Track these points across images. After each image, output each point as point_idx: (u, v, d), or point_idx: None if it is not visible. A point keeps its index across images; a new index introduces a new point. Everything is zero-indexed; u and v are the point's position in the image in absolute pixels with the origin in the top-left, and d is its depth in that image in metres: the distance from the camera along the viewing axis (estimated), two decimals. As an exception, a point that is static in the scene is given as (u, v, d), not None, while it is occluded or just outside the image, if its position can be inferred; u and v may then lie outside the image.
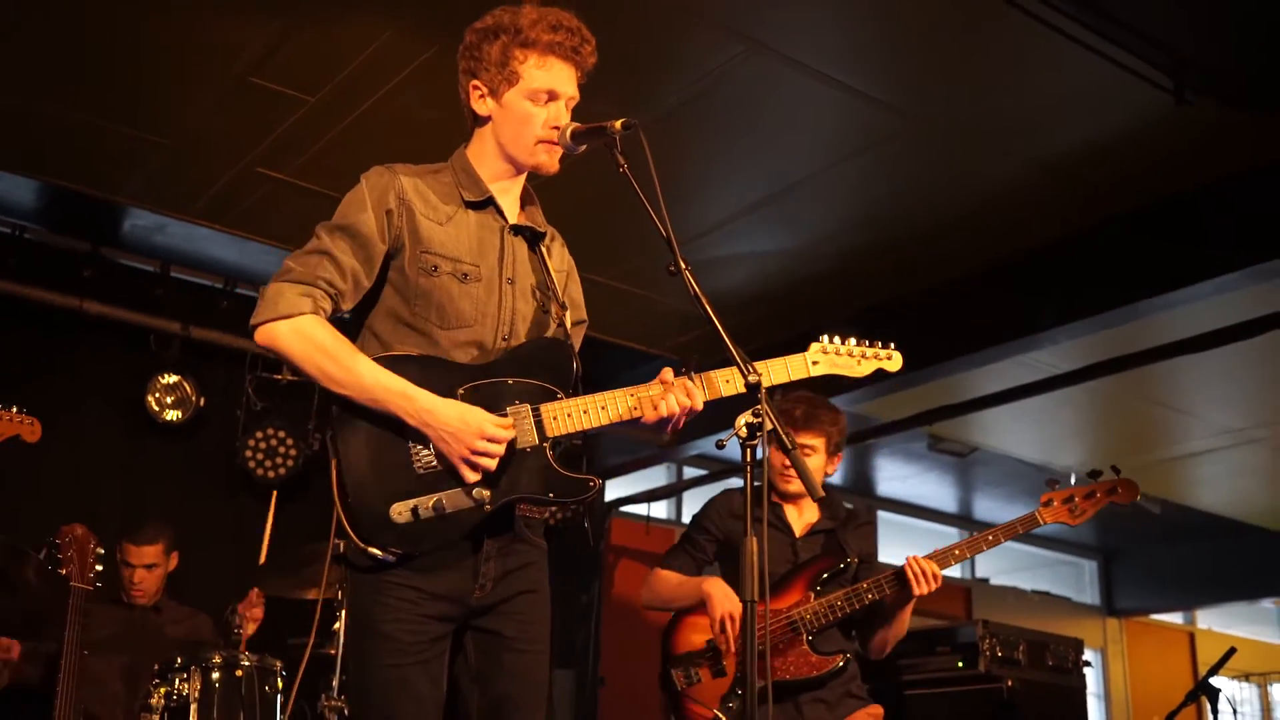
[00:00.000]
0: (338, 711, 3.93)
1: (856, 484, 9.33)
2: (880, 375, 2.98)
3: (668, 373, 2.59)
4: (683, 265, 2.47)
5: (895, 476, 9.06)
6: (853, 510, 4.21)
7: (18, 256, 5.62)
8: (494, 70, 2.64)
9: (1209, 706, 5.33)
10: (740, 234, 5.43)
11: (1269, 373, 6.58)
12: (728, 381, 2.63)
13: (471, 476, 2.40)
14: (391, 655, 2.43)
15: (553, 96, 2.65)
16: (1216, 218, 4.88)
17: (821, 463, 3.98)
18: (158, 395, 5.77)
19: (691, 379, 2.60)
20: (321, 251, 2.49)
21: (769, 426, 2.33)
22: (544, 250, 2.76)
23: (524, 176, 2.76)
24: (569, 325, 2.76)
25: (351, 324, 2.60)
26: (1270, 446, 7.78)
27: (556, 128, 2.63)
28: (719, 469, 7.76)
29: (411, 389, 2.40)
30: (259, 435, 6.01)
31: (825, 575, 3.88)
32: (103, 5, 4.09)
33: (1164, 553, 10.36)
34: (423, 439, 2.43)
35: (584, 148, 2.64)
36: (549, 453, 2.53)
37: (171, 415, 5.79)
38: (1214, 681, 5.32)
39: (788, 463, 3.88)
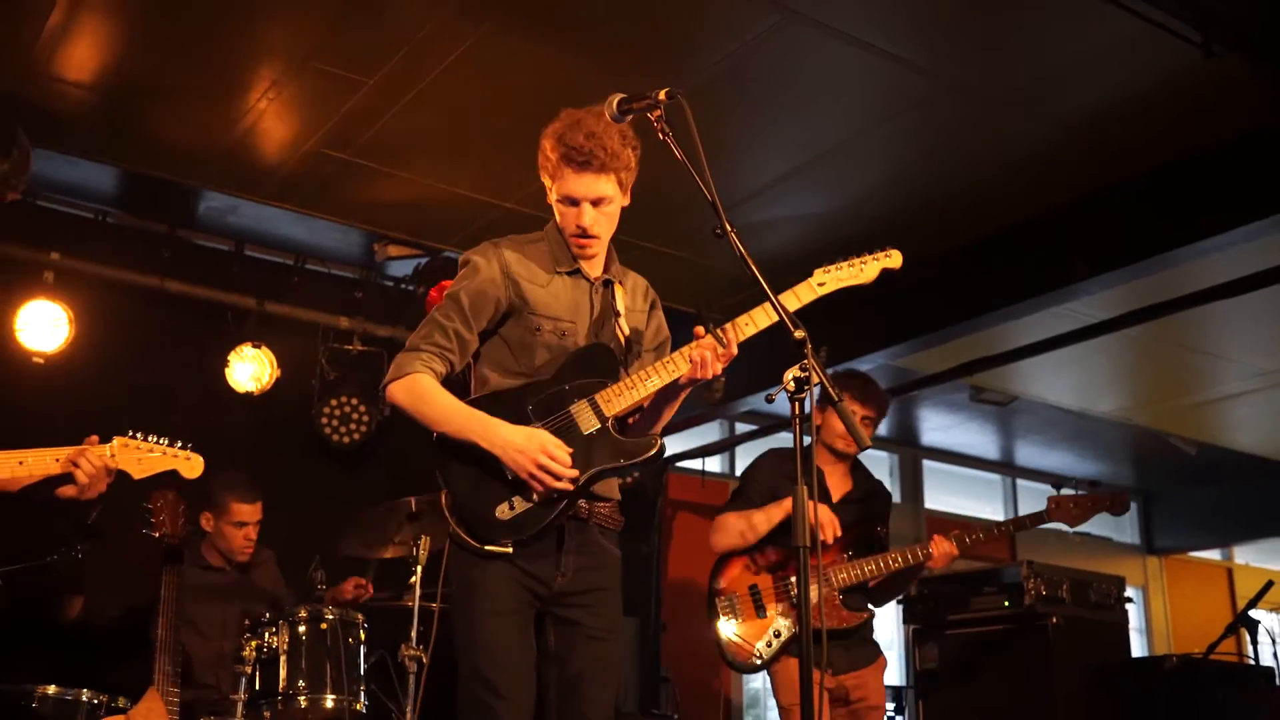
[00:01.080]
0: (416, 660, 3.97)
1: (901, 435, 9.30)
2: (887, 276, 3.12)
3: (699, 330, 2.80)
4: (728, 228, 2.54)
5: (938, 427, 9.02)
6: (879, 484, 4.49)
7: (101, 239, 5.70)
8: (544, 172, 2.91)
9: (1249, 637, 5.29)
10: (780, 198, 5.39)
11: (1300, 317, 6.48)
12: (747, 324, 2.83)
13: (538, 489, 2.69)
14: (497, 607, 2.73)
15: (573, 201, 2.86)
16: (1244, 168, 4.77)
17: (871, 433, 4.25)
18: (237, 367, 5.84)
19: (720, 331, 2.79)
20: (434, 321, 2.85)
21: (815, 380, 2.35)
22: (616, 290, 3.01)
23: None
24: (637, 344, 3.03)
25: (468, 371, 2.95)
26: (1302, 389, 7.67)
27: (580, 226, 2.86)
28: (768, 424, 7.76)
29: (486, 418, 2.74)
30: (333, 403, 6.07)
31: (858, 541, 4.19)
32: (161, 9, 4.12)
33: (1200, 493, 10.26)
34: None
35: (630, 117, 2.68)
36: (612, 430, 2.81)
37: (250, 386, 5.86)
38: (1253, 614, 5.27)
39: (841, 430, 4.14)
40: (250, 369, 5.87)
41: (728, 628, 4.20)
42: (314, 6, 4.18)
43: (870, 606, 4.21)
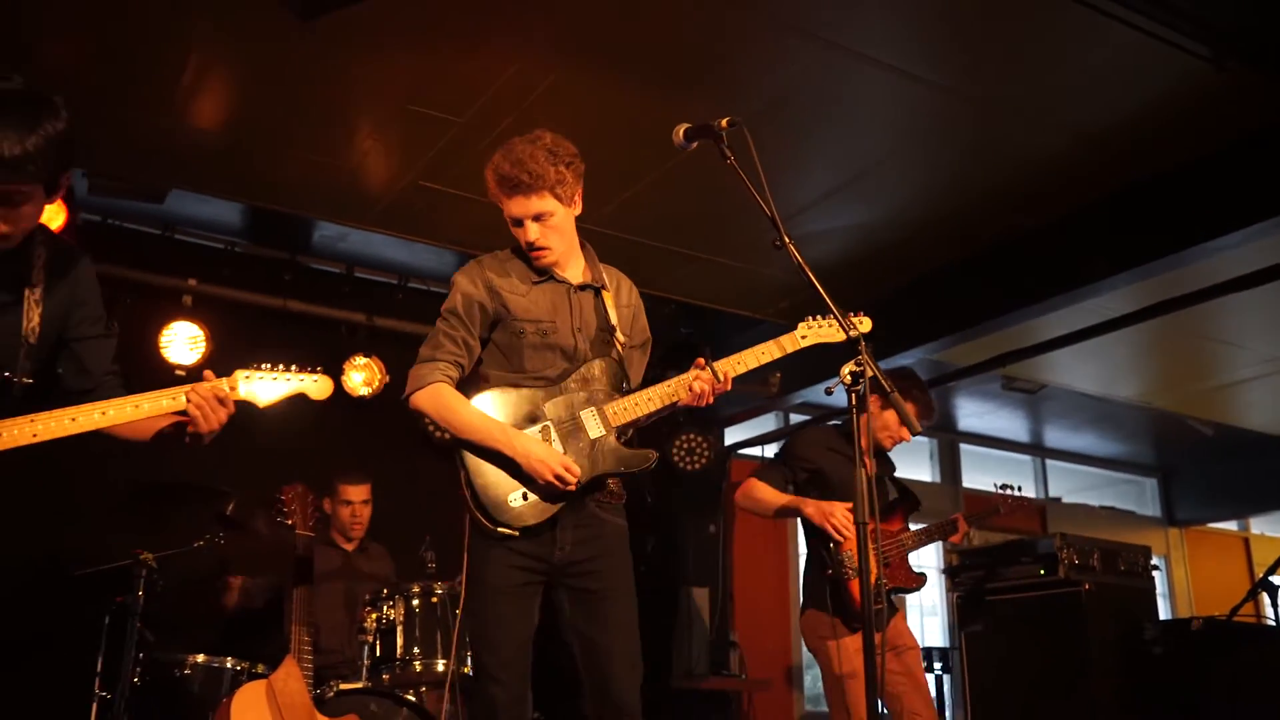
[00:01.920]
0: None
1: (940, 421, 9.18)
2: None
3: (700, 361, 2.86)
4: (786, 240, 2.51)
5: (973, 413, 8.91)
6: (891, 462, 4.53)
7: (230, 266, 5.82)
8: (493, 199, 2.93)
9: (1268, 600, 5.16)
10: (825, 213, 5.34)
11: (1307, 307, 6.32)
12: (739, 364, 2.92)
13: (558, 493, 2.75)
14: (490, 594, 2.78)
15: (518, 221, 2.88)
16: (1252, 171, 4.66)
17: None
18: (351, 375, 5.92)
19: (713, 366, 2.85)
20: (442, 333, 2.90)
21: (869, 373, 2.35)
22: (605, 296, 3.00)
23: (578, 246, 3.04)
24: (628, 348, 3.04)
25: (473, 374, 2.98)
26: (1311, 372, 7.48)
27: (528, 242, 2.87)
28: (819, 415, 7.71)
29: (508, 429, 2.80)
30: (434, 405, 6.11)
31: (910, 513, 4.34)
32: (288, 58, 4.18)
33: (1217, 468, 10.03)
34: None
35: (695, 145, 2.68)
36: (614, 439, 2.85)
37: (363, 391, 5.94)
38: (1273, 579, 5.14)
39: (889, 425, 4.18)
40: (362, 376, 5.94)
41: (853, 583, 4.08)
42: (410, 58, 4.22)
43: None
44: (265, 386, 2.58)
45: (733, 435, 7.93)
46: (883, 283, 5.94)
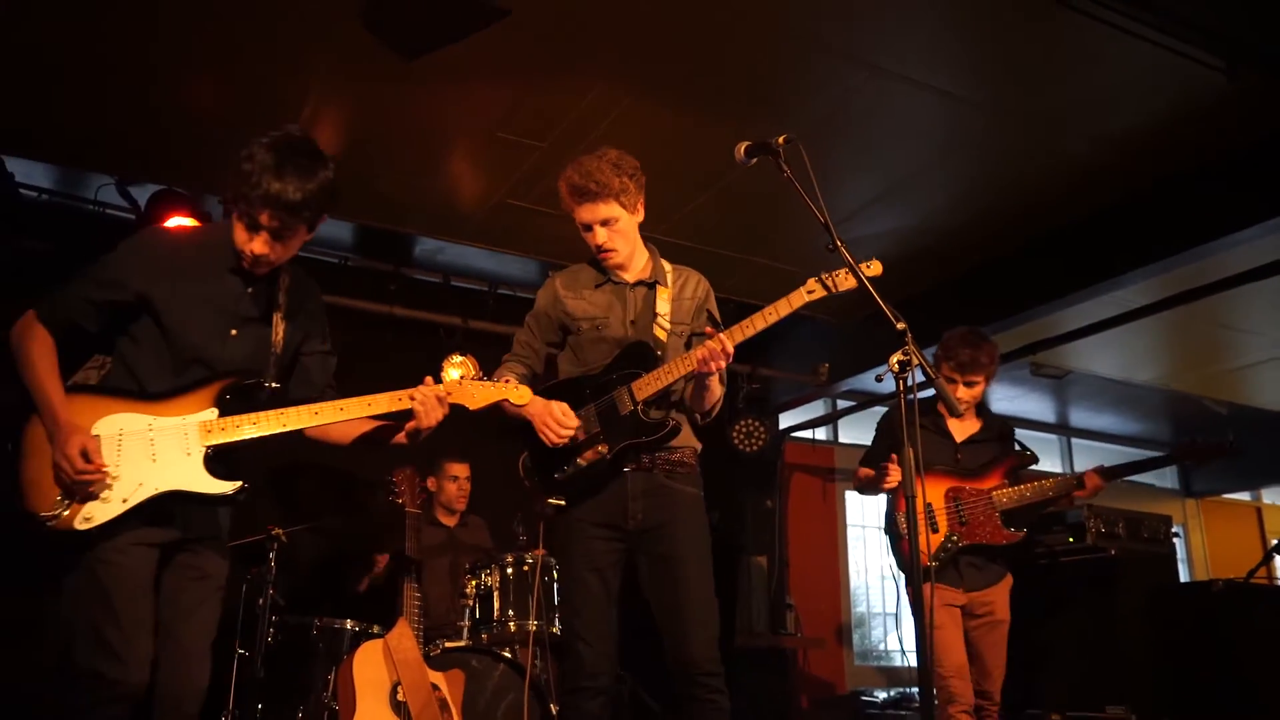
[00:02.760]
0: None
1: (973, 406, 9.06)
2: (874, 283, 2.77)
3: (709, 330, 2.79)
4: (839, 243, 2.50)
5: (1004, 397, 8.75)
6: (1006, 420, 4.24)
7: (343, 278, 5.89)
8: (566, 210, 2.96)
9: (1281, 564, 5.02)
10: (868, 219, 5.28)
11: (1314, 295, 6.12)
12: (748, 327, 2.80)
13: (553, 441, 2.76)
14: (572, 562, 2.83)
15: (587, 227, 2.91)
16: (1263, 171, 4.53)
17: (982, 389, 4.01)
18: (450, 371, 5.95)
19: (719, 335, 2.74)
20: (518, 339, 3.05)
21: (915, 361, 2.32)
22: (659, 290, 2.99)
23: (642, 249, 3.03)
24: (684, 336, 2.99)
25: (550, 371, 3.06)
26: (1318, 353, 7.25)
27: (597, 245, 2.91)
28: (865, 400, 7.63)
29: (533, 401, 2.79)
30: (522, 395, 6.14)
31: (1016, 469, 3.96)
32: (392, 93, 4.24)
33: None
34: None
35: (755, 160, 2.66)
36: (640, 411, 2.81)
37: (457, 386, 5.97)
38: (1286, 545, 5.00)
39: (960, 396, 3.94)
40: (459, 373, 5.96)
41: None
42: (498, 91, 4.26)
43: (1026, 529, 3.92)
44: (474, 392, 2.62)
45: (786, 420, 7.87)
46: (921, 280, 5.86)
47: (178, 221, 4.75)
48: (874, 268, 2.85)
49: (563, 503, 2.81)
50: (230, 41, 3.93)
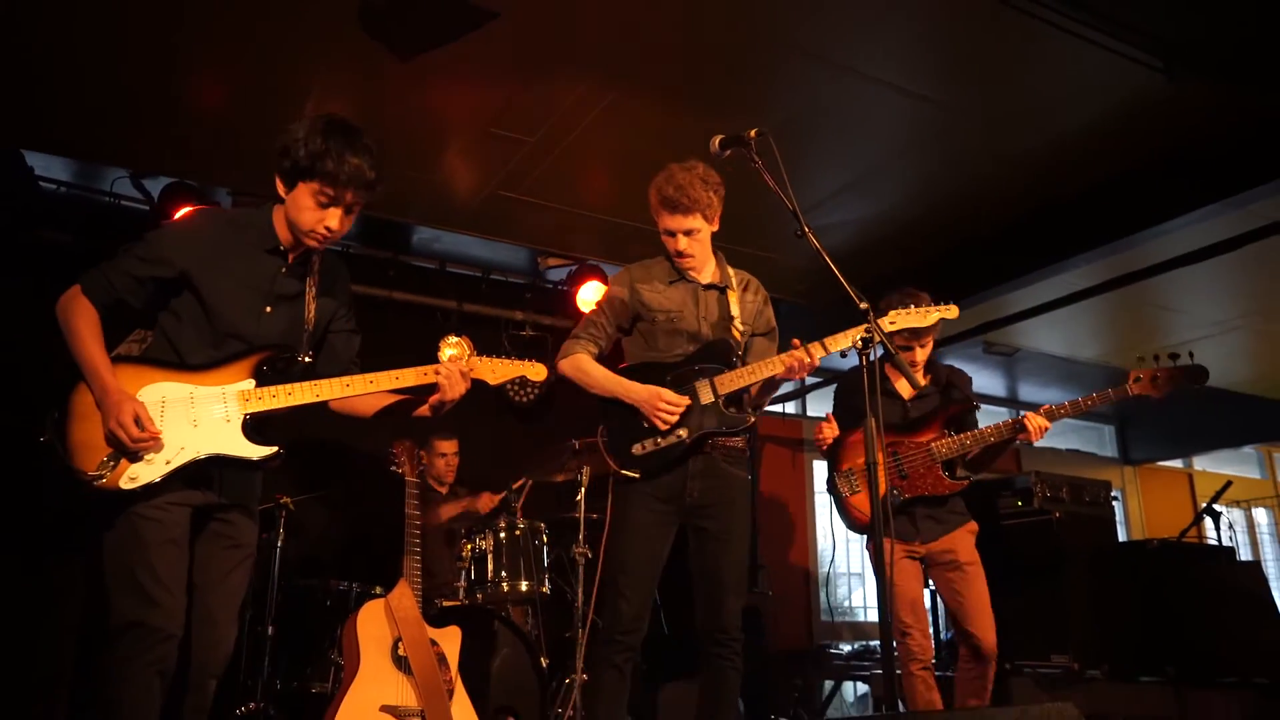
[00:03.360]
0: (583, 556, 4.00)
1: (930, 381, 9.08)
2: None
3: (796, 342, 2.83)
4: (806, 229, 2.48)
5: (958, 373, 8.80)
6: (953, 368, 4.00)
7: (347, 265, 5.80)
8: (652, 212, 2.98)
9: (1211, 524, 5.06)
10: (835, 208, 5.26)
11: (1243, 278, 6.15)
12: (827, 346, 2.82)
13: (660, 425, 2.81)
14: (630, 527, 2.84)
15: (671, 233, 2.95)
16: (1198, 163, 4.55)
17: (931, 345, 3.87)
18: (445, 352, 5.91)
19: (806, 347, 2.81)
20: (590, 320, 3.06)
21: (877, 339, 2.31)
22: (729, 294, 3.04)
23: (711, 254, 3.07)
24: (750, 336, 3.06)
25: (617, 354, 3.08)
26: (1246, 333, 7.27)
27: (677, 251, 2.95)
28: (830, 378, 7.62)
29: (625, 382, 2.89)
30: (514, 374, 6.11)
31: (955, 420, 3.73)
32: (390, 90, 4.19)
33: (1165, 416, 9.83)
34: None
35: (729, 152, 2.65)
36: (722, 404, 2.86)
37: (455, 365, 5.93)
38: (1215, 507, 5.04)
39: (917, 359, 3.81)
40: (454, 353, 5.92)
41: (851, 497, 3.76)
42: (489, 89, 4.21)
43: (970, 475, 3.72)
44: (495, 367, 2.60)
45: (758, 395, 7.88)
46: (883, 266, 5.84)
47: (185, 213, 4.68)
48: (951, 311, 2.98)
49: (636, 475, 2.83)
50: (237, 45, 3.88)
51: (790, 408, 8.31)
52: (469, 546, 4.40)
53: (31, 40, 3.83)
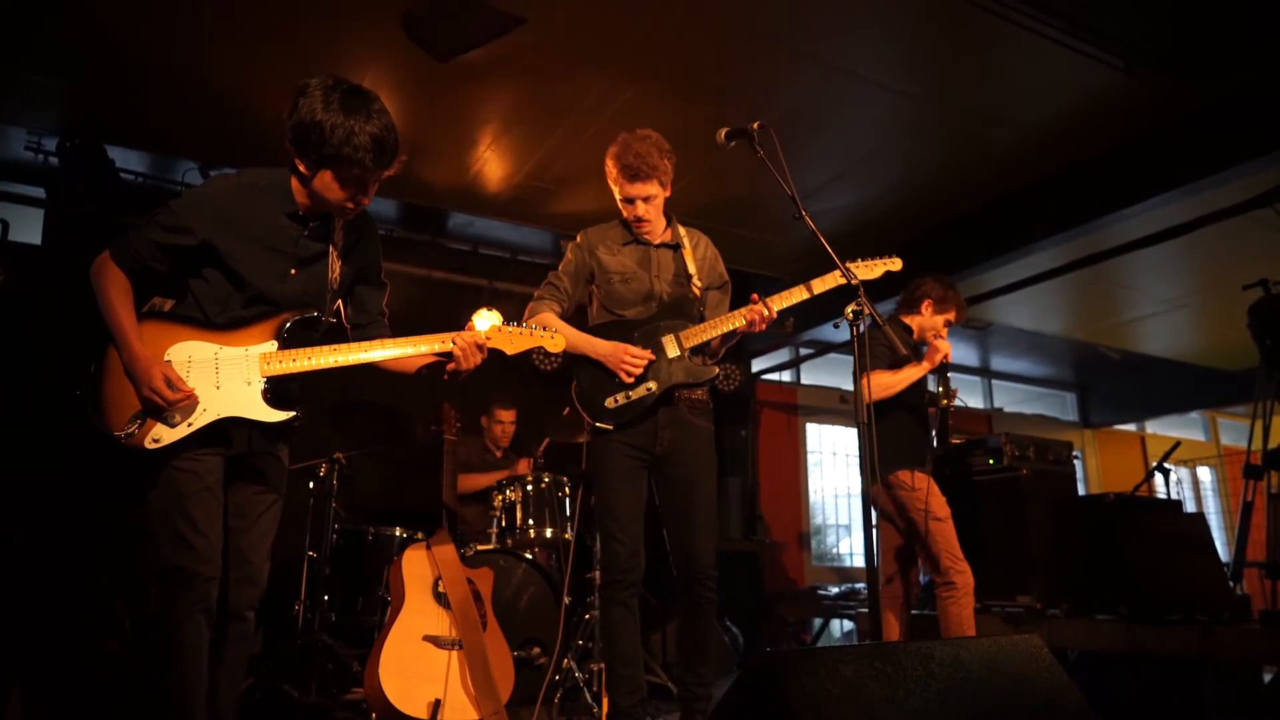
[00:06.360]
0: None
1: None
2: (888, 276, 2.96)
3: (755, 296, 2.73)
4: (803, 213, 2.45)
5: (936, 346, 8.75)
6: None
7: (389, 247, 5.68)
8: (609, 180, 2.86)
9: (1161, 480, 5.04)
10: (826, 195, 5.21)
11: (1194, 259, 6.07)
12: (786, 298, 2.78)
13: (624, 378, 2.71)
14: (610, 476, 2.76)
15: (630, 200, 2.83)
16: (1152, 156, 4.48)
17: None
18: (478, 323, 5.88)
19: (764, 301, 2.74)
20: (549, 281, 2.92)
21: (866, 311, 2.29)
22: (683, 252, 2.92)
23: (663, 218, 2.93)
24: (706, 290, 2.93)
25: (582, 314, 2.96)
26: (1194, 310, 7.19)
27: (636, 216, 2.84)
28: (822, 348, 7.61)
29: (590, 338, 2.77)
30: (539, 345, 6.11)
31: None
32: (429, 88, 4.14)
33: (1122, 383, 9.77)
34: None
35: (734, 143, 2.61)
36: (687, 356, 2.77)
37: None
38: (1166, 465, 5.01)
39: (928, 325, 3.74)
40: (486, 324, 5.91)
41: None
42: (519, 86, 4.18)
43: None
44: (513, 339, 2.43)
45: (757, 364, 7.86)
46: (869, 248, 5.75)
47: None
48: (895, 264, 2.92)
49: (610, 427, 2.74)
50: (295, 50, 3.86)
51: (786, 376, 8.30)
52: (499, 498, 4.42)
53: (115, 49, 3.82)
